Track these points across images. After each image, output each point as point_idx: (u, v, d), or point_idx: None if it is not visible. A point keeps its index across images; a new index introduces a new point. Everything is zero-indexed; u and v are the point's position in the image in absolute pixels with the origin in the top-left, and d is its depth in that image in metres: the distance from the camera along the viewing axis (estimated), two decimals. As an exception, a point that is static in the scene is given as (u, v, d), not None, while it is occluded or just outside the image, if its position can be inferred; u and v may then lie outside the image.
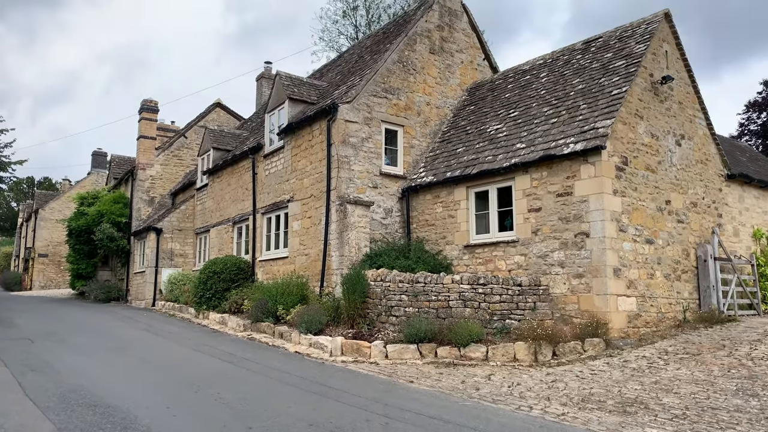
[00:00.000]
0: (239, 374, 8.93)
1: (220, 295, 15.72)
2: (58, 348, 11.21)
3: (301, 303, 12.81)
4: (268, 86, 25.63)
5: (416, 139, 14.51)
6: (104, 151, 39.67)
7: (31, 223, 40.66)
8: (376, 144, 13.69)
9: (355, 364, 9.71)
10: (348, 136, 13.21)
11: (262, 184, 16.47)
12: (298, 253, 14.23)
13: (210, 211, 19.96)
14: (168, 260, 20.67)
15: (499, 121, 13.23)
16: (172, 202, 23.79)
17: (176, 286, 19.34)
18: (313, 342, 10.83)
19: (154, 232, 20.49)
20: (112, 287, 23.50)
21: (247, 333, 12.80)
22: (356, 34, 36.41)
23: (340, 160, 13.00)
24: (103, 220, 22.88)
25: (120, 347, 11.43)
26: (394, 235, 13.63)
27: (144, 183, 23.41)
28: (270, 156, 16.13)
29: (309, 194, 14.01)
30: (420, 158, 14.45)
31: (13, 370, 8.98)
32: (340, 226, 12.63)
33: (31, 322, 15.57)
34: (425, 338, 9.84)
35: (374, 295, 11.37)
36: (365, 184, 13.33)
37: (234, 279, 15.93)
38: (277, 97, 15.90)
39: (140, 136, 23.56)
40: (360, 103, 13.48)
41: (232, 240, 18.21)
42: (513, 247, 11.30)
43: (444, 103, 15.27)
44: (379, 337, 10.50)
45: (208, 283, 15.87)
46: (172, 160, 24.17)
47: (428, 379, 8.54)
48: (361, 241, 12.61)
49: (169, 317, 17.15)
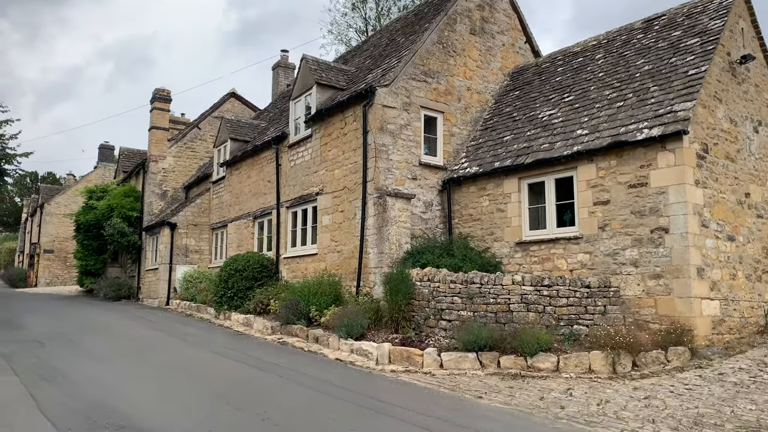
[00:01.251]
0: (279, 386, 7.85)
1: (243, 295, 14.65)
2: (70, 352, 10.16)
3: (335, 304, 11.74)
4: (284, 75, 24.60)
5: (456, 126, 13.40)
6: (111, 145, 38.65)
7: (36, 218, 39.66)
8: (415, 131, 12.58)
9: (407, 375, 8.62)
10: (386, 123, 12.10)
11: (286, 176, 15.38)
12: (329, 250, 13.15)
13: (228, 205, 18.88)
14: (182, 257, 19.60)
15: (552, 106, 12.11)
16: (185, 195, 22.73)
17: (192, 284, 18.28)
18: (355, 348, 9.74)
19: (168, 227, 19.43)
20: (123, 285, 22.45)
21: (276, 336, 11.72)
22: (365, 27, 35.48)
23: (377, 148, 11.90)
24: (113, 214, 21.83)
25: (139, 352, 10.37)
26: (435, 231, 12.53)
27: (156, 176, 22.34)
28: (296, 146, 15.04)
29: (341, 186, 12.92)
30: (461, 147, 13.34)
31: (25, 379, 7.92)
32: (379, 221, 11.53)
33: (40, 323, 14.53)
34: (485, 346, 8.75)
35: (420, 296, 10.28)
36: (404, 175, 12.23)
37: (257, 277, 14.85)
38: (304, 83, 14.79)
39: (152, 126, 22.48)
40: (398, 87, 12.37)
41: (253, 236, 17.13)
42: (575, 244, 10.19)
43: (485, 88, 14.15)
44: (430, 344, 9.41)
45: (229, 282, 14.80)
46: (185, 152, 23.10)
47: (498, 394, 7.46)
48: (401, 237, 11.51)
49: (186, 317, 16.08)
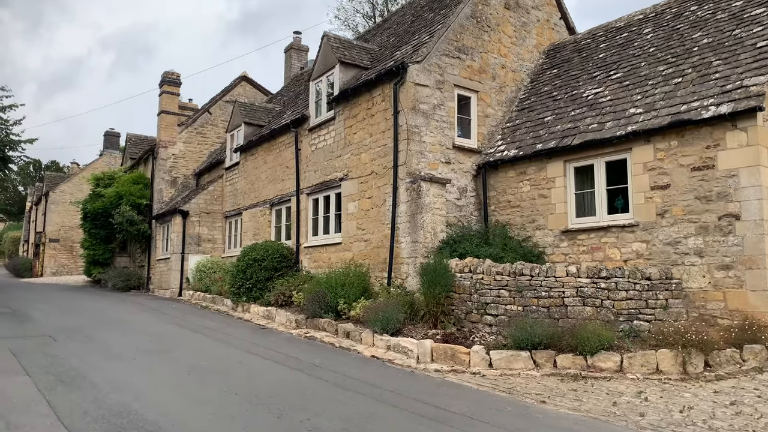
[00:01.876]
0: (319, 388, 7.13)
1: (262, 286, 13.92)
2: (86, 349, 9.45)
3: (363, 296, 11.01)
4: (297, 58, 23.73)
5: (491, 107, 12.56)
6: (117, 132, 37.84)
7: (41, 207, 38.96)
8: (449, 112, 11.75)
9: (454, 375, 7.90)
10: (418, 103, 11.28)
11: (306, 161, 14.58)
12: (355, 239, 12.39)
13: (242, 193, 18.11)
14: (195, 246, 18.87)
15: (597, 84, 11.27)
16: (196, 183, 21.95)
17: (206, 275, 17.57)
18: (392, 344, 9.01)
19: (180, 216, 18.68)
20: (132, 275, 21.76)
21: (303, 331, 11.00)
22: (373, 12, 34.58)
23: (409, 130, 11.09)
24: (122, 202, 21.07)
25: (158, 348, 9.65)
26: (469, 219, 11.75)
27: (166, 162, 21.55)
28: (317, 129, 14.23)
29: (369, 171, 12.12)
30: (496, 129, 12.51)
31: (38, 381, 7.21)
32: (412, 208, 10.75)
33: (49, 315, 13.84)
34: (540, 344, 8.02)
35: (461, 289, 9.54)
36: (437, 159, 11.43)
37: (276, 267, 14.12)
38: (325, 62, 13.95)
39: (161, 111, 21.64)
40: (431, 64, 11.53)
41: (270, 224, 16.38)
42: (630, 233, 9.40)
43: (520, 66, 13.29)
44: (476, 341, 8.68)
45: (247, 272, 14.07)
46: (195, 138, 22.28)
47: (563, 399, 6.72)
48: (437, 225, 10.74)
49: (202, 309, 15.38)
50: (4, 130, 24.50)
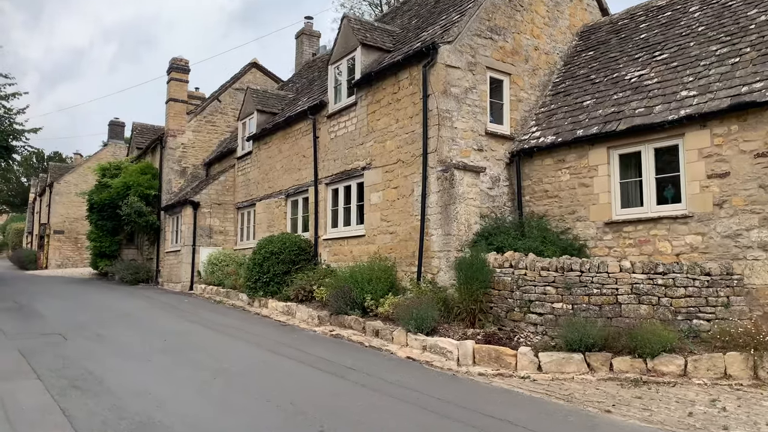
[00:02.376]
0: (358, 395, 6.50)
1: (280, 280, 13.30)
2: (98, 348, 8.85)
3: (391, 292, 10.39)
4: (309, 44, 22.99)
5: (524, 91, 11.85)
6: (122, 121, 37.13)
7: (45, 198, 38.35)
8: (481, 96, 11.05)
9: (501, 379, 7.27)
10: (449, 86, 10.57)
11: (325, 150, 13.90)
12: (380, 231, 11.73)
13: (255, 183, 17.45)
14: (206, 238, 18.24)
15: (641, 65, 10.54)
16: (206, 173, 21.29)
17: (218, 268, 16.96)
18: (428, 345, 8.38)
19: (191, 207, 18.03)
20: (141, 268, 21.15)
21: (327, 328, 10.37)
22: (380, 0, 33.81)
23: (440, 115, 10.39)
24: (130, 192, 20.42)
25: (176, 348, 9.04)
26: (502, 210, 11.08)
27: (175, 152, 20.87)
28: (336, 115, 13.53)
29: (394, 159, 11.45)
30: (529, 115, 11.81)
31: (51, 386, 6.61)
32: (445, 198, 10.08)
33: (58, 310, 13.25)
34: (594, 345, 7.37)
35: (501, 285, 8.89)
36: (469, 146, 10.74)
37: (294, 260, 13.48)
38: (346, 45, 13.23)
39: (170, 98, 20.94)
40: (462, 45, 10.81)
41: (285, 215, 15.72)
42: (683, 224, 8.72)
43: (553, 48, 12.56)
44: (520, 342, 8.04)
45: (264, 266, 13.44)
46: (204, 127, 21.59)
47: (629, 407, 6.09)
48: (471, 216, 10.06)
49: (216, 304, 14.77)
50: (7, 119, 23.84)
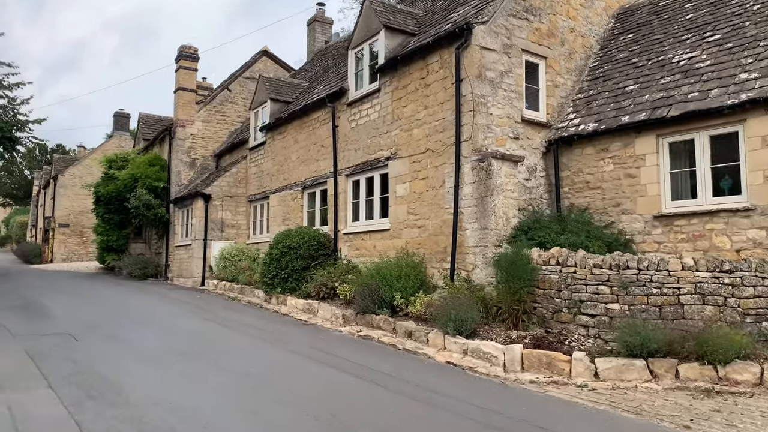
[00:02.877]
0: (406, 408, 5.85)
1: (298, 276, 12.67)
2: (112, 351, 8.23)
3: (422, 290, 9.75)
4: (321, 31, 22.27)
5: (560, 75, 11.14)
6: (127, 112, 36.47)
7: (49, 191, 37.78)
8: (517, 80, 10.35)
9: (555, 388, 6.62)
10: (484, 69, 9.87)
11: (345, 139, 13.22)
12: (406, 225, 11.07)
13: (269, 175, 16.79)
14: (218, 232, 17.61)
15: (690, 47, 9.83)
16: (216, 164, 20.63)
17: (230, 263, 16.35)
18: (470, 349, 7.74)
19: (202, 199, 17.39)
20: (149, 262, 20.54)
21: (354, 329, 9.74)
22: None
23: (475, 101, 9.70)
24: (138, 185, 19.78)
25: (196, 350, 8.42)
26: (539, 202, 10.41)
27: (184, 142, 20.20)
28: (358, 103, 12.84)
29: (423, 149, 10.77)
30: (565, 101, 11.11)
31: (63, 395, 5.99)
32: (481, 190, 9.40)
33: (66, 307, 12.65)
34: (657, 351, 6.72)
35: (547, 283, 8.23)
36: (505, 134, 10.05)
37: (314, 256, 12.85)
38: (368, 28, 12.52)
39: (178, 88, 20.25)
40: (498, 25, 10.11)
41: (302, 208, 15.07)
42: (745, 218, 8.04)
43: (589, 30, 11.83)
44: (573, 346, 7.39)
45: (282, 261, 12.81)
46: (214, 117, 20.91)
47: (709, 422, 5.43)
48: (509, 209, 9.39)
49: (230, 301, 14.15)
50: (11, 110, 23.19)
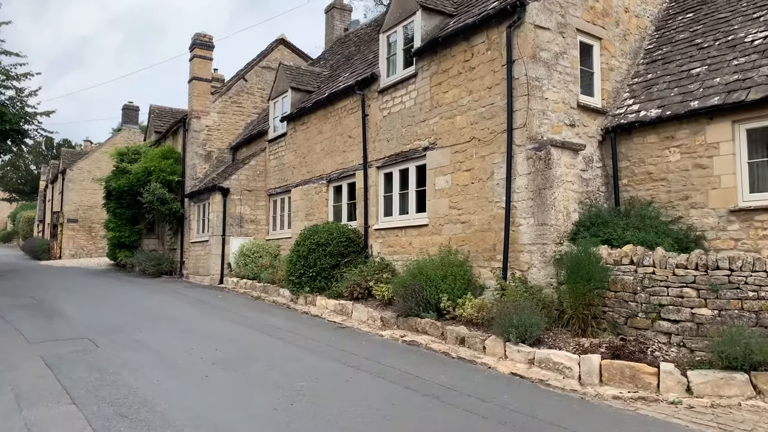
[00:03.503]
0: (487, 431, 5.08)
1: (327, 274, 11.91)
2: (138, 359, 7.47)
3: (470, 292, 8.96)
4: (340, 19, 21.44)
5: (615, 58, 10.29)
6: (136, 105, 35.71)
7: (57, 185, 37.13)
8: (572, 62, 9.51)
9: (645, 405, 5.82)
10: (539, 50, 9.04)
11: (376, 129, 12.41)
12: (448, 220, 10.26)
13: (290, 167, 16.00)
14: (237, 227, 16.85)
15: (765, 25, 8.96)
16: (232, 157, 19.85)
17: (251, 260, 15.59)
18: (538, 358, 6.95)
19: (220, 193, 16.62)
20: (163, 259, 19.81)
21: (398, 333, 8.95)
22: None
23: (530, 84, 8.86)
24: (151, 178, 19.03)
25: (229, 358, 7.64)
26: (596, 195, 9.58)
27: (199, 134, 19.41)
28: (391, 90, 12.02)
29: (467, 137, 9.94)
30: (621, 86, 10.26)
31: (90, 413, 5.26)
32: (538, 181, 8.58)
33: (81, 308, 11.92)
34: (761, 363, 5.91)
35: (619, 285, 7.42)
36: (561, 121, 9.22)
37: (343, 253, 12.08)
38: (402, 9, 11.68)
39: (193, 77, 19.44)
40: (552, 2, 9.26)
41: (327, 203, 14.27)
42: (843, 212, 7.21)
43: (643, 10, 10.96)
44: (657, 356, 6.58)
45: (309, 258, 12.03)
46: (230, 108, 20.11)
47: None
48: (569, 203, 8.57)
49: (254, 301, 13.39)
50: (18, 101, 22.47)
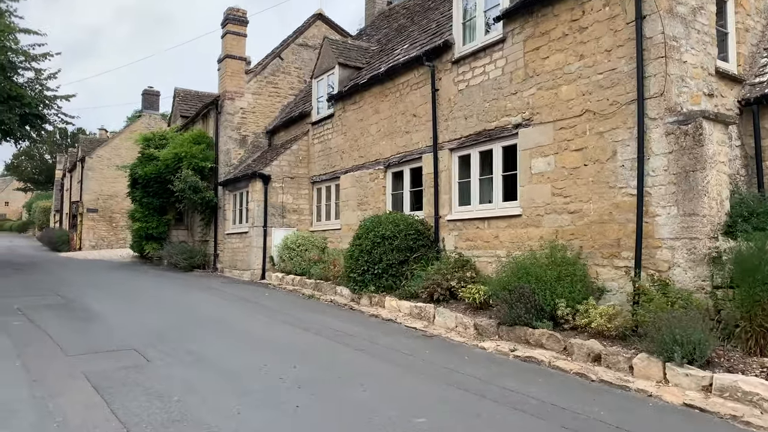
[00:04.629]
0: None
1: (395, 271, 10.43)
2: (201, 378, 6.03)
3: (592, 296, 7.44)
4: (380, -10, 19.75)
5: (750, 17, 8.65)
6: (156, 90, 34.36)
7: (75, 174, 35.96)
8: (710, 20, 7.87)
9: None
10: (675, 3, 7.42)
11: (449, 105, 10.86)
12: (550, 210, 8.71)
13: (339, 152, 14.50)
14: (279, 218, 15.40)
15: None
16: (269, 142, 18.39)
17: (296, 253, 14.16)
18: (718, 385, 5.40)
19: (261, 181, 15.16)
20: (195, 251, 18.42)
21: (504, 346, 7.42)
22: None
23: (667, 44, 7.25)
24: (182, 165, 17.62)
25: (314, 377, 6.17)
26: (735, 178, 7.97)
27: (233, 117, 17.93)
28: (469, 59, 10.44)
29: (577, 110, 8.36)
30: (756, 50, 8.62)
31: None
32: (683, 162, 6.98)
33: (116, 309, 10.56)
34: None
35: (811, 291, 5.84)
36: (700, 89, 7.60)
37: (412, 247, 10.59)
38: (483, -35, 10.09)
39: (226, 55, 17.95)
40: (689, -55, 7.63)
41: (384, 190, 12.77)
42: None
43: (778, -39, 9.30)
44: None
45: (374, 253, 10.55)
46: (265, 89, 18.60)
47: None
48: (723, 189, 6.98)
49: (307, 300, 11.94)
50: (38, 83, 21.12)
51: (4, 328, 8.48)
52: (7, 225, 73.71)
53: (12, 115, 19.15)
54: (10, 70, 20.02)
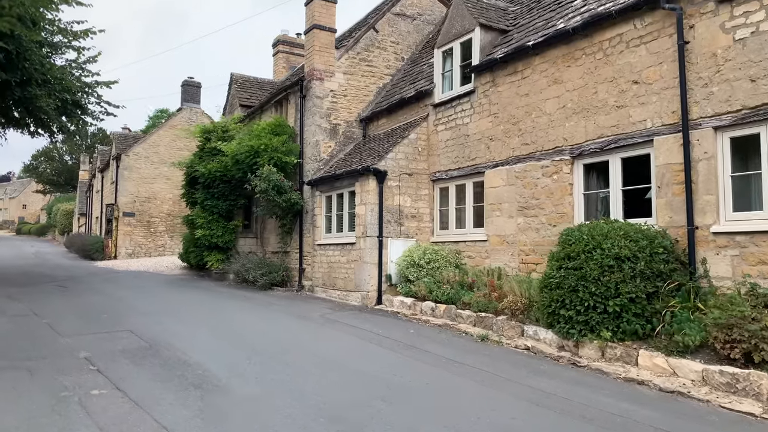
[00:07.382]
0: None
1: (640, 309, 6.99)
2: None
3: None
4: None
5: None
6: (197, 81, 31.21)
7: (108, 174, 32.91)
8: None
9: None
10: None
11: (707, 65, 7.41)
12: None
13: (483, 140, 11.10)
14: (395, 225, 12.02)
15: None
16: (363, 132, 15.03)
17: (425, 272, 10.79)
18: None
19: (375, 179, 11.80)
20: (276, 266, 15.05)
21: None
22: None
23: None
24: (259, 161, 14.33)
25: None
26: None
27: (322, 102, 14.57)
28: (756, -8, 7.00)
29: None
30: None
31: None
32: None
33: (231, 361, 7.21)
34: None
35: None
36: None
37: (662, 273, 7.17)
38: None
39: (313, 25, 14.61)
40: None
41: (570, 189, 9.33)
42: None
43: None
44: None
45: (603, 281, 7.10)
46: (358, 68, 15.24)
47: None
48: None
49: (478, 343, 8.46)
50: (78, 67, 17.94)
51: (83, 404, 5.18)
52: (25, 228, 71.15)
53: (51, 100, 16.00)
54: (51, 49, 16.91)
